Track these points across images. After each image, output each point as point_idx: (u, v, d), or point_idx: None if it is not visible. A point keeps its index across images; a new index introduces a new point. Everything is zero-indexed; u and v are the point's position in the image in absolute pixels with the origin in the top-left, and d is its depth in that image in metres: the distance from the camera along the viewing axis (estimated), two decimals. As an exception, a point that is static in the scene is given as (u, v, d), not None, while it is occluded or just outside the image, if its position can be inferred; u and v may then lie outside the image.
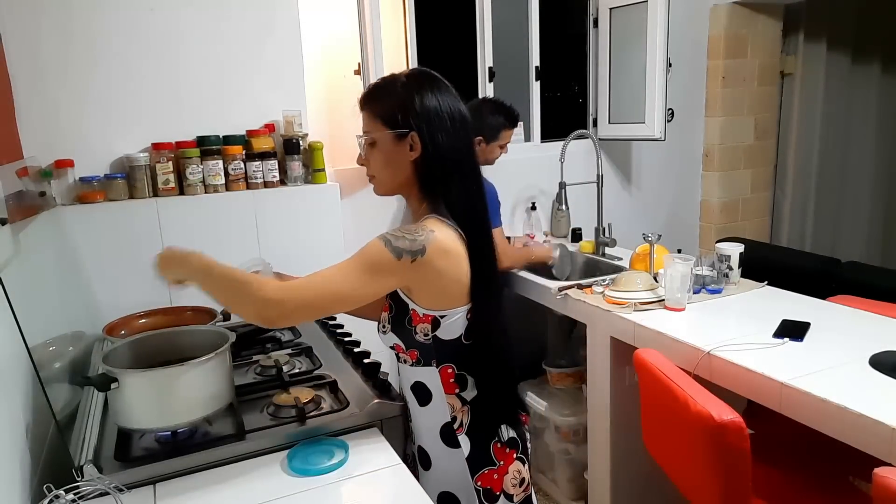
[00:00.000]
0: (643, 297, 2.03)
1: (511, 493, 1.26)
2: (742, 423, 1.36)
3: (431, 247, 1.11)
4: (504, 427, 1.26)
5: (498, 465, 1.24)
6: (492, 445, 1.24)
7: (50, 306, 1.53)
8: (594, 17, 3.19)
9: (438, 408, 1.23)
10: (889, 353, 1.56)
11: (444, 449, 1.24)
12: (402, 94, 1.18)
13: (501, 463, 1.24)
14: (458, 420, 1.23)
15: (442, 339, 1.19)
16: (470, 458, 1.22)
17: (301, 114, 2.14)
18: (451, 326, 1.18)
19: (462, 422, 1.23)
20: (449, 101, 1.19)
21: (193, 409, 1.22)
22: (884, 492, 1.12)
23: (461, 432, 1.23)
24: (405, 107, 1.16)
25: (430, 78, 1.21)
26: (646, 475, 2.03)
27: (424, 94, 1.17)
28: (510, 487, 1.26)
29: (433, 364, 1.21)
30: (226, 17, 2.02)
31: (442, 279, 1.14)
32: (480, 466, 1.23)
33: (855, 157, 4.35)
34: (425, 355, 1.21)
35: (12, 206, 1.31)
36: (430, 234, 1.12)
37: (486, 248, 1.21)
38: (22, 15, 1.77)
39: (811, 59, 3.95)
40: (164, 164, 1.94)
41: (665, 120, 2.97)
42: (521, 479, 1.28)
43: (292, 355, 1.69)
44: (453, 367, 1.22)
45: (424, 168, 1.18)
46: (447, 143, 1.18)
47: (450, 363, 1.21)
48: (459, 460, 1.23)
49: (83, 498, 1.03)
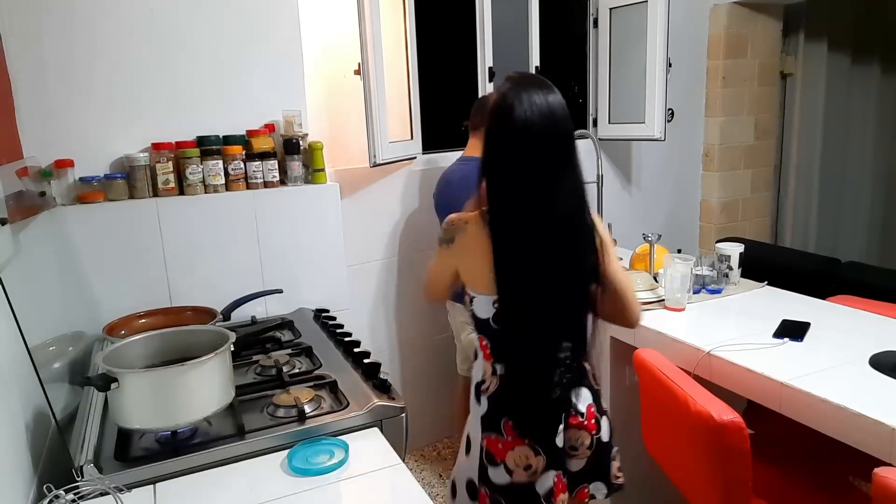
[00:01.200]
0: (643, 297, 2.03)
1: (511, 469, 1.33)
2: (742, 423, 1.36)
3: (460, 236, 1.35)
4: (521, 416, 1.34)
5: (505, 439, 1.34)
6: (503, 421, 1.35)
7: (50, 306, 1.53)
8: (594, 17, 3.19)
9: (479, 366, 1.43)
10: (889, 353, 1.56)
11: (473, 402, 1.44)
12: (481, 105, 1.53)
13: (509, 439, 1.34)
14: (486, 383, 1.39)
15: (477, 315, 1.38)
16: (484, 417, 1.38)
17: (301, 114, 2.14)
18: (481, 306, 1.36)
19: (489, 387, 1.38)
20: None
21: (193, 409, 1.22)
22: (884, 492, 1.12)
23: (484, 394, 1.39)
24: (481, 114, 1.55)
25: (517, 83, 1.34)
26: (646, 475, 2.03)
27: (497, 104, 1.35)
28: (512, 464, 1.33)
29: (475, 331, 1.42)
30: (226, 17, 2.02)
31: (465, 265, 1.37)
32: (490, 429, 1.36)
33: (855, 157, 4.35)
34: (473, 322, 1.41)
35: (12, 206, 1.31)
36: (463, 227, 1.34)
37: (518, 248, 1.29)
38: (22, 14, 1.77)
39: (811, 59, 3.95)
40: (164, 164, 1.94)
41: (665, 120, 2.97)
42: (527, 465, 1.33)
43: (292, 355, 1.69)
44: (486, 340, 1.38)
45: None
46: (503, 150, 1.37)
47: (483, 336, 1.39)
48: (477, 416, 1.40)
49: (83, 498, 1.03)
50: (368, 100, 2.27)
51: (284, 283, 2.09)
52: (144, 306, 1.85)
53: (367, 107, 2.27)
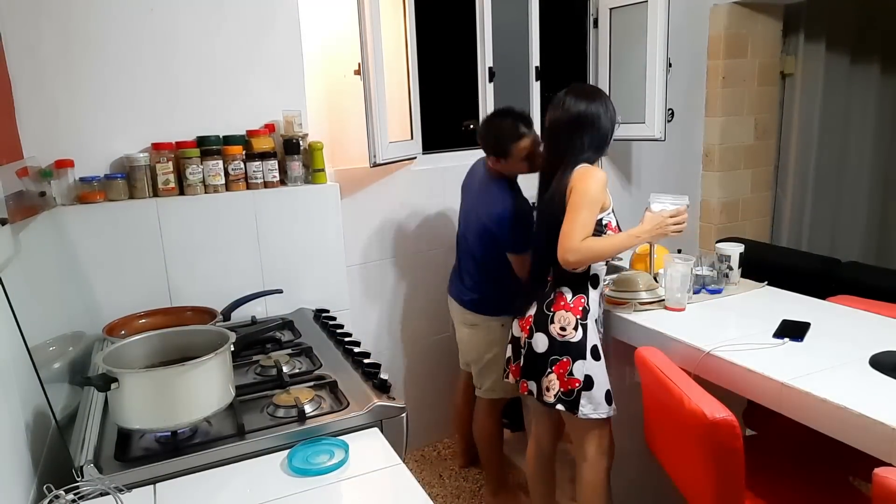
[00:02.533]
0: (643, 297, 2.03)
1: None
2: (734, 422, 1.36)
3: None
4: None
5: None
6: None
7: (50, 306, 1.53)
8: (594, 17, 3.19)
9: (595, 299, 1.89)
10: (889, 353, 1.56)
11: (592, 330, 1.85)
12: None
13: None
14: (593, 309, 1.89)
15: (615, 229, 1.90)
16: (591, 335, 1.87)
17: (301, 114, 2.14)
18: (609, 218, 1.86)
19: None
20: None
21: (193, 409, 1.22)
22: (884, 492, 1.12)
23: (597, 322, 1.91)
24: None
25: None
26: (646, 475, 2.03)
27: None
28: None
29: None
30: (226, 17, 2.02)
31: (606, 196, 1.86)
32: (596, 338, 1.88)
33: (854, 157, 4.35)
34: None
35: (12, 206, 1.31)
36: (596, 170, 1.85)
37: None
38: (22, 15, 1.77)
39: (811, 59, 3.95)
40: (164, 164, 1.94)
41: (665, 120, 2.97)
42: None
43: (292, 355, 1.69)
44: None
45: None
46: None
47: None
48: (593, 341, 1.86)
49: (83, 498, 1.03)
50: (368, 100, 2.27)
51: (284, 284, 2.09)
52: (144, 306, 1.85)
53: (367, 107, 2.27)
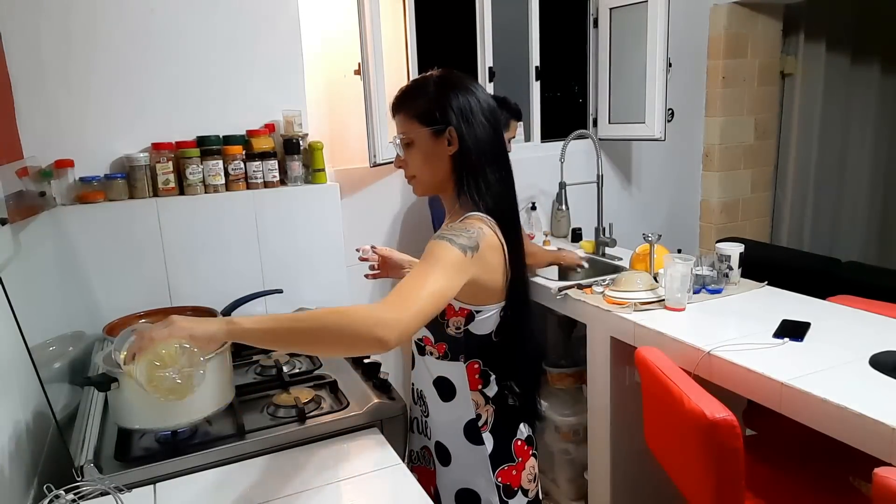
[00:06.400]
0: (643, 297, 2.03)
1: (527, 489, 1.30)
2: (734, 422, 1.36)
3: (483, 243, 1.14)
4: (523, 425, 1.30)
5: (517, 462, 1.29)
6: (513, 443, 1.29)
7: (50, 306, 1.53)
8: (594, 17, 3.19)
9: (462, 403, 1.26)
10: (889, 353, 1.55)
11: (466, 445, 1.27)
12: (436, 92, 1.21)
13: (520, 460, 1.29)
14: (482, 418, 1.26)
15: (473, 334, 1.22)
16: (492, 454, 1.26)
17: (301, 114, 2.14)
18: (483, 322, 1.21)
19: (487, 420, 1.26)
20: (479, 95, 1.23)
21: (193, 409, 1.22)
22: (884, 492, 1.12)
23: (485, 430, 1.26)
24: (441, 104, 1.19)
25: (459, 75, 1.26)
26: (646, 475, 2.03)
27: (458, 90, 1.21)
28: (526, 483, 1.30)
29: (461, 359, 1.24)
30: (226, 17, 2.02)
31: (488, 274, 1.17)
32: (501, 463, 1.27)
33: (854, 157, 4.36)
34: (454, 349, 1.23)
35: (12, 206, 1.31)
36: (480, 231, 1.15)
37: (519, 244, 1.24)
38: (22, 15, 1.77)
39: (811, 59, 3.95)
40: (164, 164, 1.94)
41: (665, 120, 2.97)
42: (534, 475, 1.32)
43: (292, 355, 1.69)
44: (480, 362, 1.25)
45: (462, 161, 1.20)
46: (483, 134, 1.21)
47: (477, 359, 1.24)
48: (482, 457, 1.26)
49: (83, 498, 1.03)
50: (368, 100, 2.27)
51: (284, 283, 2.09)
52: (144, 306, 1.85)
53: (367, 107, 2.27)
